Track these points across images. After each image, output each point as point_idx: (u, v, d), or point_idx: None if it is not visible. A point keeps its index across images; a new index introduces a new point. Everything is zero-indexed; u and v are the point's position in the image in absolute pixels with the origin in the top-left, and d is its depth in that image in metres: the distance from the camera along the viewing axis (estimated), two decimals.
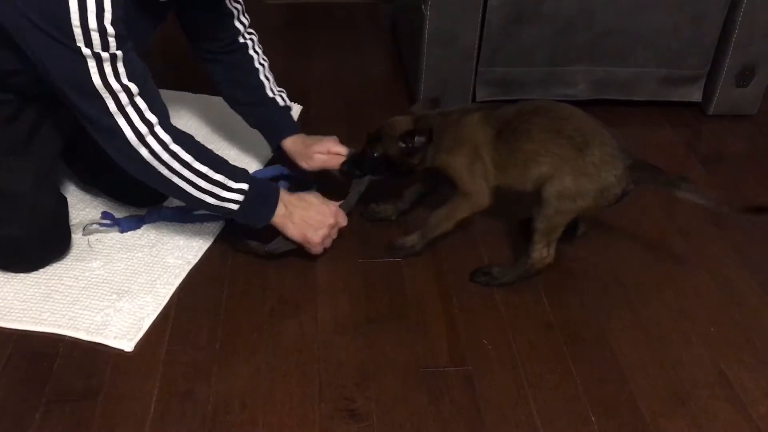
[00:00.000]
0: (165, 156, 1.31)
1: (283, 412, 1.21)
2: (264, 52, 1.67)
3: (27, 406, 1.20)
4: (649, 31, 1.93)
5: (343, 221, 1.49)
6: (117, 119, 1.26)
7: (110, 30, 1.20)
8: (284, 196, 1.43)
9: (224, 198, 1.37)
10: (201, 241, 1.56)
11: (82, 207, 1.63)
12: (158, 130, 1.30)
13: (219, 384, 1.25)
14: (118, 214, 1.59)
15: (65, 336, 1.32)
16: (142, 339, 1.33)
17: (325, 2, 2.69)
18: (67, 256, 1.50)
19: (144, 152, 1.30)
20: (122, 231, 1.56)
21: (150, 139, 1.29)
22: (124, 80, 1.25)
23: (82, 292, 1.42)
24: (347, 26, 2.58)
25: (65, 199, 1.53)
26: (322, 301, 1.43)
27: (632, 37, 1.94)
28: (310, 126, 1.96)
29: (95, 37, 1.19)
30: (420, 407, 1.23)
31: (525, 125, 1.39)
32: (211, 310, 1.40)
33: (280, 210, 1.41)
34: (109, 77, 1.23)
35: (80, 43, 1.19)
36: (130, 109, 1.27)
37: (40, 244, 1.44)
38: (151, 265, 1.49)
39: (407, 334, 1.37)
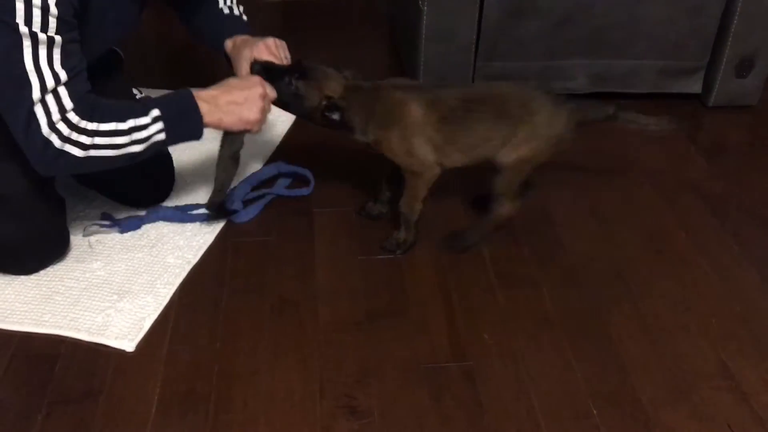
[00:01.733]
0: (74, 136, 1.25)
1: (284, 410, 1.21)
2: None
3: (29, 408, 1.20)
4: (647, 23, 1.92)
5: (271, 91, 1.42)
6: (35, 107, 1.21)
7: (53, 10, 1.16)
8: (200, 93, 1.37)
9: (147, 137, 1.31)
10: (201, 240, 1.56)
11: (82, 208, 1.63)
12: (70, 115, 1.24)
13: (220, 383, 1.25)
14: (118, 214, 1.59)
15: (66, 337, 1.33)
16: (143, 339, 1.33)
17: None
18: (68, 258, 1.50)
19: (54, 139, 1.24)
20: (122, 231, 1.56)
21: (60, 125, 1.23)
22: (56, 66, 1.20)
23: (83, 293, 1.42)
24: (344, 23, 2.58)
25: (62, 200, 1.52)
26: (322, 299, 1.43)
27: (631, 29, 1.93)
28: (309, 127, 1.97)
29: (36, 14, 1.16)
30: (421, 403, 1.23)
31: (473, 113, 1.44)
32: (211, 309, 1.40)
33: (204, 109, 1.35)
34: (42, 60, 1.19)
35: (20, 20, 1.16)
36: (49, 97, 1.21)
37: (37, 246, 1.45)
38: (151, 265, 1.49)
39: (408, 331, 1.37)
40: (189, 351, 1.31)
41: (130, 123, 1.30)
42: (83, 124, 1.25)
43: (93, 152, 1.27)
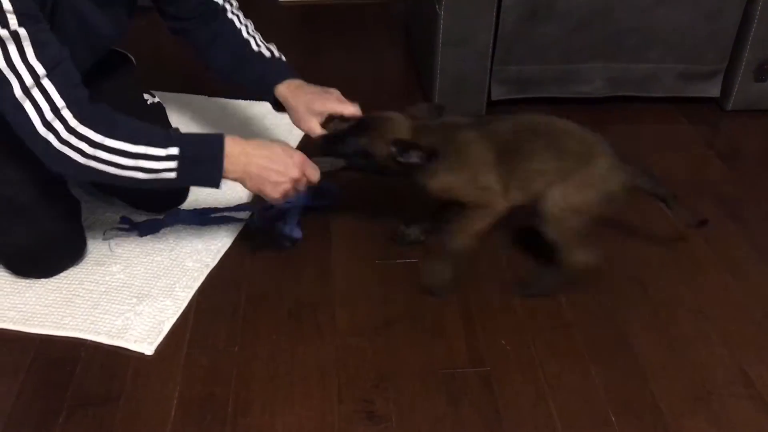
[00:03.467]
0: (73, 140, 1.20)
1: (302, 414, 1.22)
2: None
3: (49, 410, 1.22)
4: (665, 28, 1.92)
5: (313, 175, 1.34)
6: (23, 103, 1.18)
7: (6, 6, 1.13)
8: (235, 147, 1.28)
9: (155, 170, 1.25)
10: (219, 244, 1.57)
11: (102, 212, 1.65)
12: (65, 113, 1.20)
13: (238, 387, 1.26)
14: (137, 218, 1.61)
15: (87, 340, 1.34)
16: (162, 342, 1.34)
17: (337, 3, 2.69)
18: (87, 261, 1.51)
19: (52, 138, 1.20)
20: (141, 235, 1.58)
21: (57, 124, 1.19)
22: (31, 61, 1.17)
23: (103, 296, 1.43)
24: (360, 27, 2.58)
25: (77, 203, 1.53)
26: (339, 303, 1.44)
27: (648, 33, 1.92)
28: None
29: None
30: (438, 408, 1.23)
31: (525, 145, 1.36)
32: (229, 313, 1.41)
33: (230, 163, 1.28)
34: (14, 57, 1.16)
35: None
36: (35, 92, 1.18)
37: (52, 250, 1.45)
38: (170, 268, 1.50)
39: (425, 336, 1.37)
40: (208, 355, 1.32)
41: (142, 149, 1.24)
42: (83, 129, 1.21)
43: (93, 163, 1.23)
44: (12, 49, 1.16)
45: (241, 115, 2.01)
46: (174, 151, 1.25)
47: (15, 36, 1.15)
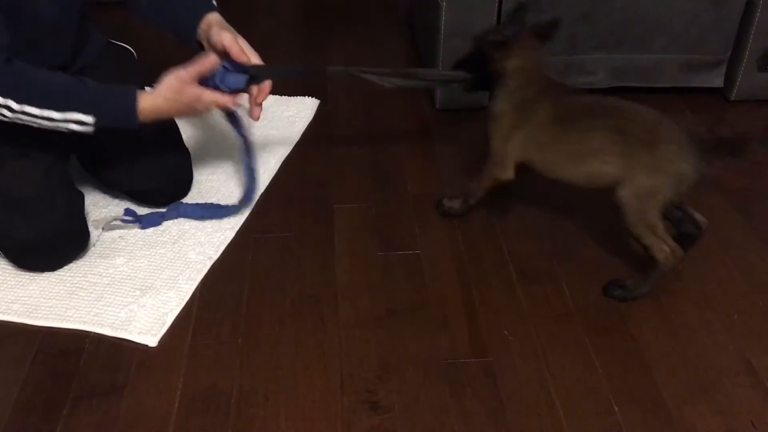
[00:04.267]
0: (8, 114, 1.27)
1: (305, 405, 1.22)
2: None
3: (54, 402, 1.22)
4: (668, 18, 1.91)
5: (222, 102, 1.42)
6: None
7: None
8: (148, 99, 1.35)
9: (73, 130, 1.32)
10: (222, 236, 1.57)
11: (105, 204, 1.65)
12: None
13: (242, 378, 1.27)
14: (140, 211, 1.61)
15: (91, 332, 1.34)
16: (165, 334, 1.34)
17: None
18: (91, 253, 1.52)
19: None
20: (143, 227, 1.58)
21: None
22: None
23: (107, 288, 1.44)
24: (363, 18, 2.58)
25: (81, 195, 1.53)
26: (342, 294, 1.44)
27: (651, 23, 1.92)
28: (328, 120, 1.98)
29: None
30: (442, 399, 1.23)
31: (591, 121, 1.37)
32: (233, 305, 1.42)
33: (146, 116, 1.35)
34: None
35: None
36: None
37: (55, 244, 1.46)
38: (173, 261, 1.51)
39: (428, 327, 1.37)
40: (211, 346, 1.33)
41: (59, 114, 1.29)
42: (9, 102, 1.25)
43: (21, 118, 1.28)
44: None
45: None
46: (90, 120, 1.31)
47: None
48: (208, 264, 1.51)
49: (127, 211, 1.59)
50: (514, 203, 1.69)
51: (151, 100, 1.36)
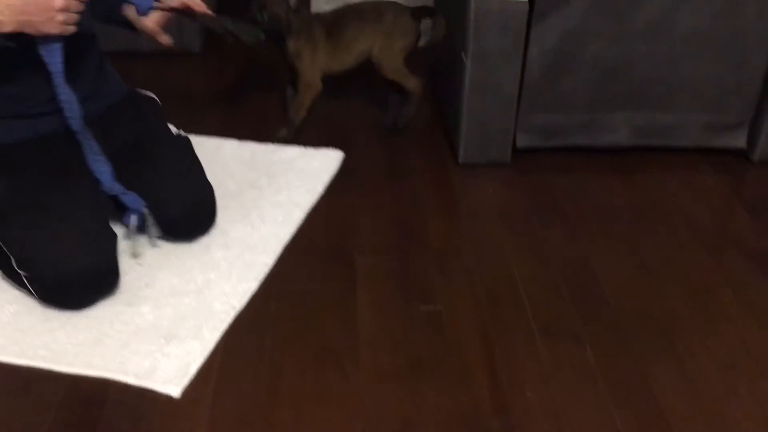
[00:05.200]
0: None
1: None
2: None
3: None
4: (691, 79, 1.93)
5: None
6: None
7: None
8: None
9: None
10: (246, 286, 1.59)
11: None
12: None
13: (264, 429, 1.27)
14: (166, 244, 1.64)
15: (115, 380, 1.36)
16: (189, 385, 1.35)
17: None
18: (118, 300, 1.54)
19: None
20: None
21: None
22: None
23: (132, 336, 1.45)
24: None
25: (115, 235, 1.57)
26: (364, 348, 1.44)
27: (674, 84, 1.94)
28: (351, 172, 2.01)
29: None
30: None
31: (343, 21, 2.04)
32: (256, 356, 1.42)
33: None
34: None
35: None
36: None
37: (87, 283, 1.49)
38: (198, 310, 1.52)
39: (449, 383, 1.37)
40: (234, 398, 1.33)
41: None
42: None
43: None
44: None
45: (269, 158, 2.05)
46: None
47: None
48: (232, 314, 1.52)
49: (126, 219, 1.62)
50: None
51: None
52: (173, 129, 1.77)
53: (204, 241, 1.71)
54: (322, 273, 1.65)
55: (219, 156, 2.02)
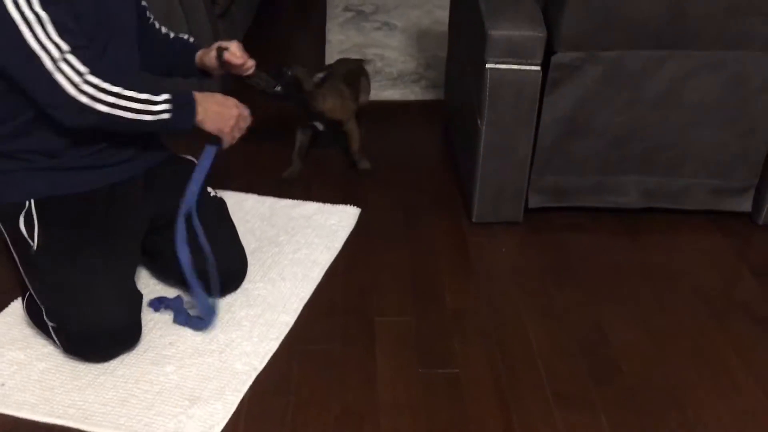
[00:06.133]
0: (100, 95, 1.46)
1: None
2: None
3: None
4: (698, 146, 1.99)
5: (246, 112, 1.69)
6: (55, 76, 1.43)
7: None
8: (197, 96, 1.60)
9: (156, 111, 1.53)
10: (267, 346, 1.63)
11: (152, 312, 1.73)
12: (90, 78, 1.45)
13: None
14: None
15: None
16: None
17: (383, 101, 2.80)
18: (143, 359, 1.58)
19: (84, 99, 1.45)
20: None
21: (85, 87, 1.45)
22: (56, 39, 1.42)
23: (157, 397, 1.49)
24: (403, 125, 2.67)
25: (140, 295, 1.63)
26: (384, 412, 1.48)
27: (682, 151, 2.00)
28: (368, 229, 2.06)
29: None
30: None
31: (353, 74, 2.43)
32: (277, 419, 1.46)
33: (198, 109, 1.59)
34: (41, 36, 1.41)
35: (9, 5, 1.39)
36: (63, 65, 1.43)
37: (112, 337, 1.55)
38: (220, 371, 1.56)
39: None
40: None
41: (146, 96, 1.52)
42: (105, 85, 1.47)
43: (114, 111, 1.48)
44: (38, 29, 1.40)
45: (288, 214, 2.10)
46: (166, 96, 1.54)
47: (37, 17, 1.40)
48: (254, 375, 1.56)
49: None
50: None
51: (202, 95, 1.62)
52: (210, 189, 1.83)
53: (227, 299, 1.76)
54: (342, 333, 1.69)
55: (240, 211, 2.07)
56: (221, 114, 1.63)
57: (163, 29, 1.85)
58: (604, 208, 2.11)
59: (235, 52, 1.77)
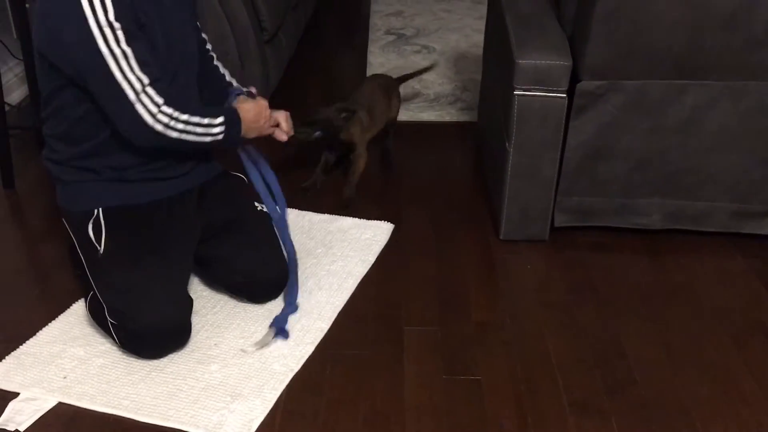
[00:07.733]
0: (172, 123, 1.64)
1: None
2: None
3: None
4: (719, 171, 2.07)
5: (267, 113, 1.86)
6: (136, 107, 1.60)
7: (116, 24, 1.55)
8: (240, 112, 1.79)
9: (214, 133, 1.72)
10: (303, 350, 1.76)
11: (205, 313, 1.87)
12: (165, 108, 1.63)
13: None
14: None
15: None
16: None
17: (420, 122, 2.93)
18: (190, 358, 1.73)
19: (160, 128, 1.63)
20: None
21: (161, 117, 1.63)
22: (138, 73, 1.59)
23: (202, 392, 1.63)
24: (437, 144, 2.79)
25: (191, 301, 1.79)
26: (409, 414, 1.59)
27: (703, 175, 2.08)
28: (401, 244, 2.18)
29: (108, 32, 1.54)
30: None
31: (373, 99, 2.53)
32: (311, 416, 1.59)
33: (243, 118, 1.78)
34: (126, 70, 1.58)
35: (99, 41, 1.55)
36: (143, 96, 1.60)
37: (166, 336, 1.71)
38: (260, 371, 1.70)
39: None
40: None
41: (208, 120, 1.71)
42: (176, 114, 1.64)
43: (183, 136, 1.67)
44: (123, 64, 1.58)
45: (326, 228, 2.24)
46: (222, 119, 1.73)
47: (124, 54, 1.57)
48: (290, 375, 1.69)
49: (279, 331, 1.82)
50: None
51: (240, 110, 1.80)
52: (257, 204, 1.99)
53: (268, 305, 1.90)
54: (373, 340, 1.81)
55: None
56: (257, 122, 1.83)
57: (216, 62, 1.99)
58: (626, 229, 2.19)
59: (284, 127, 1.93)
